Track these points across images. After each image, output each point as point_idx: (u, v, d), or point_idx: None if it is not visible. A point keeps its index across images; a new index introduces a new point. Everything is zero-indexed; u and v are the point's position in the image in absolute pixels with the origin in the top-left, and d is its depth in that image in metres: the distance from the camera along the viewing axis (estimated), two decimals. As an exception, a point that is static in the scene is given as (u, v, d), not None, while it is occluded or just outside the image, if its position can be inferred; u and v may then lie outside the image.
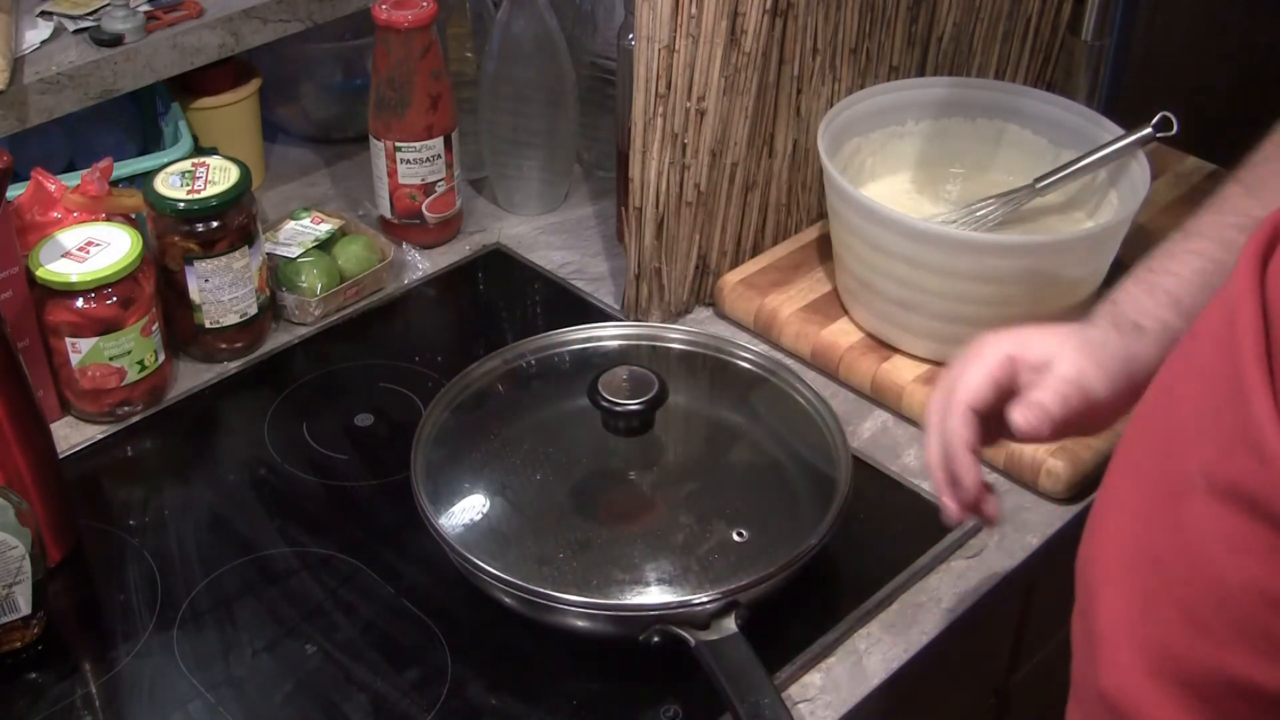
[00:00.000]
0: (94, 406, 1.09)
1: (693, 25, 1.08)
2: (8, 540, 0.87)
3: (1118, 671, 0.55)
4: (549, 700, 0.89)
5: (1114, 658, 0.55)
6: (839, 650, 0.93)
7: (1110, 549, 0.57)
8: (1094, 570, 0.57)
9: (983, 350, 0.78)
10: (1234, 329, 0.52)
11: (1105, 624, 0.56)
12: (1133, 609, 0.54)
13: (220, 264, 1.11)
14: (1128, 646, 0.55)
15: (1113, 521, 0.58)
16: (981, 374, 0.77)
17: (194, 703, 0.89)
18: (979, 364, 0.78)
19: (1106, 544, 0.57)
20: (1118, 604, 0.55)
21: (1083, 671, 0.58)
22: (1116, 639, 0.55)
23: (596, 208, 1.36)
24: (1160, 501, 0.54)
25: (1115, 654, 0.55)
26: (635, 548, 0.91)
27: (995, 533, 1.02)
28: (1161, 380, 0.60)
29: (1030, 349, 0.77)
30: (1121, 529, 0.56)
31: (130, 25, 1.17)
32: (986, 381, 0.77)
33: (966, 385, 0.78)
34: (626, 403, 0.96)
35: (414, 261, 1.29)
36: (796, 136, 1.21)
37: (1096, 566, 0.57)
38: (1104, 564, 0.57)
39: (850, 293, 1.16)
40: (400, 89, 1.22)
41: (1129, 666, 0.54)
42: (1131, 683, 0.54)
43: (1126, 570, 0.55)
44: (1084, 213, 1.18)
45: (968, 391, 0.77)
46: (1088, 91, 1.31)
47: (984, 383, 0.77)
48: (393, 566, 0.98)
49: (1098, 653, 0.56)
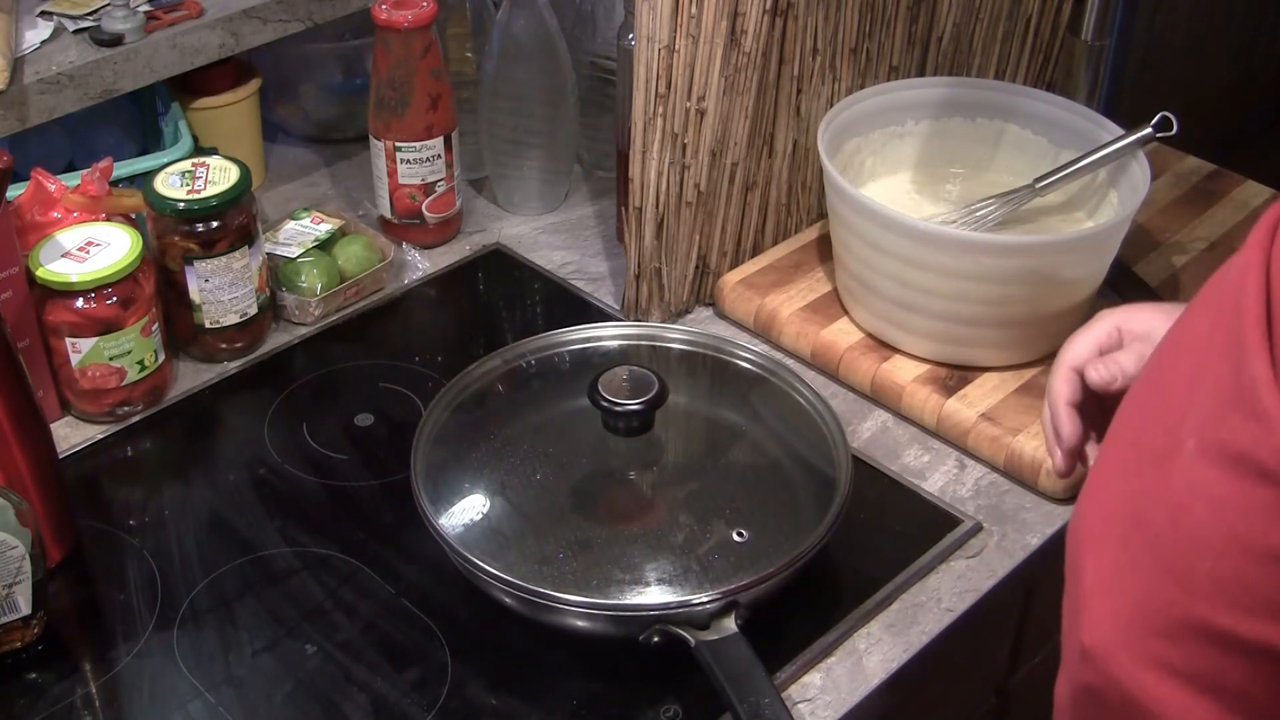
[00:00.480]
0: (94, 406, 1.09)
1: (693, 25, 1.08)
2: (8, 540, 0.87)
3: (1097, 625, 0.57)
4: (549, 700, 0.89)
5: (1095, 613, 0.57)
6: (839, 650, 0.93)
7: (1097, 512, 0.59)
8: (1081, 533, 0.59)
9: (1094, 322, 0.88)
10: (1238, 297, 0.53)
11: (1089, 582, 0.58)
12: (1115, 565, 0.56)
13: (220, 264, 1.11)
14: (1108, 601, 0.56)
15: (1101, 487, 0.60)
16: (1088, 339, 0.87)
17: (194, 703, 0.89)
18: (1088, 332, 0.87)
19: (1094, 508, 0.59)
20: (1102, 562, 0.57)
21: (1069, 635, 0.60)
22: (1098, 595, 0.57)
23: (596, 208, 1.37)
24: (1148, 465, 0.56)
25: (1097, 609, 0.57)
26: (635, 548, 0.91)
27: (995, 533, 1.02)
28: (1157, 353, 0.62)
29: (1135, 321, 0.86)
30: (1109, 493, 0.58)
31: (130, 25, 1.17)
32: (1091, 346, 0.86)
33: (1072, 349, 0.87)
34: (626, 403, 0.96)
35: (414, 261, 1.29)
36: (796, 136, 1.21)
37: (1083, 529, 0.59)
38: (1090, 526, 0.59)
39: (850, 293, 1.16)
40: (400, 89, 1.22)
41: (1109, 620, 0.56)
42: (1111, 635, 0.56)
43: (1112, 530, 0.57)
44: (1084, 213, 1.18)
45: (1072, 354, 0.87)
46: (1088, 91, 1.31)
47: (1088, 347, 0.86)
48: (393, 566, 0.98)
49: (1080, 611, 0.58)
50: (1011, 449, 1.05)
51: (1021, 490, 1.05)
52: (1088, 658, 0.57)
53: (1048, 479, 1.03)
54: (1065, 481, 1.03)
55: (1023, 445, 1.04)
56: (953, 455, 1.08)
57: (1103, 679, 0.56)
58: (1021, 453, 1.04)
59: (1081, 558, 0.58)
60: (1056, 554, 1.03)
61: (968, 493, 1.05)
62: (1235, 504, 0.52)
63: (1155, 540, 0.55)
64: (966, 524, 1.02)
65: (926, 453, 1.08)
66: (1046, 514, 1.04)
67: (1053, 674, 0.65)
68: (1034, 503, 1.04)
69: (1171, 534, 0.54)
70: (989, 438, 1.06)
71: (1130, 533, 0.56)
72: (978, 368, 1.11)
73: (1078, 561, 0.59)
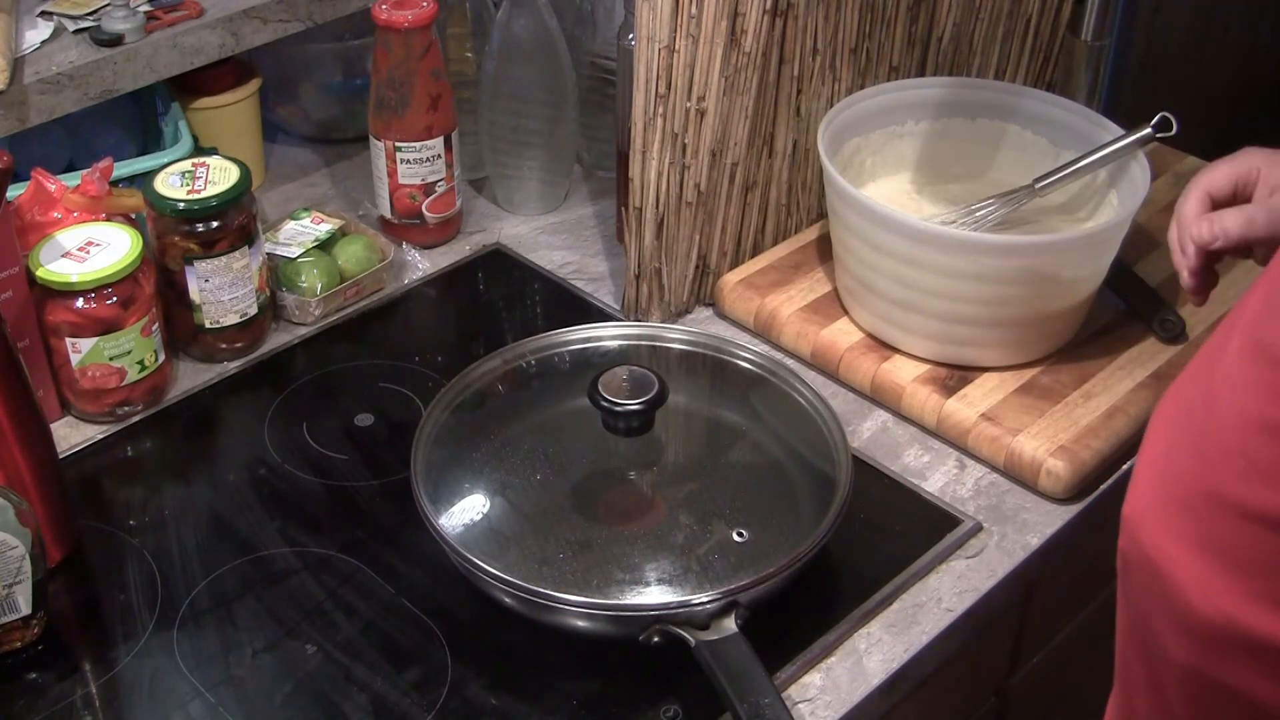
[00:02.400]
0: (94, 406, 1.09)
1: (693, 25, 1.08)
2: (8, 540, 0.87)
3: (1137, 496, 0.61)
4: (549, 700, 0.89)
5: (1138, 486, 0.62)
6: (839, 650, 0.93)
7: (1163, 410, 0.63)
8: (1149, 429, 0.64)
9: (1239, 155, 0.89)
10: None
11: (1141, 464, 0.63)
12: (1161, 447, 0.61)
13: (220, 264, 1.11)
14: (1149, 477, 0.61)
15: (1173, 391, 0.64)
16: (1227, 169, 0.89)
17: (194, 703, 0.89)
18: (1230, 162, 0.89)
19: (1163, 406, 0.64)
20: (1153, 446, 0.62)
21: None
22: (1143, 472, 0.62)
23: (596, 208, 1.37)
24: (1205, 368, 0.61)
25: (1139, 482, 0.62)
26: (635, 548, 0.91)
27: (995, 533, 1.02)
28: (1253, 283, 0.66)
29: (1275, 168, 0.87)
30: (1175, 394, 0.63)
31: (130, 25, 1.17)
32: (1228, 177, 0.88)
33: (1211, 173, 0.89)
34: (626, 403, 0.96)
35: (414, 261, 1.29)
36: (796, 136, 1.21)
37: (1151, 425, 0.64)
38: (1156, 421, 0.64)
39: (850, 293, 1.16)
40: (400, 89, 1.22)
41: (1146, 492, 0.61)
42: (1145, 504, 0.61)
43: (1166, 420, 0.62)
44: (1084, 213, 1.18)
45: (1209, 178, 0.89)
46: (1088, 91, 1.31)
47: (1225, 176, 0.88)
48: (393, 566, 0.98)
49: (1131, 487, 0.63)
50: (1011, 449, 1.05)
51: (1021, 490, 1.05)
52: (1125, 525, 0.62)
53: (1048, 479, 1.03)
54: (1065, 482, 1.03)
55: (1023, 445, 1.04)
56: (953, 455, 1.08)
57: (1130, 544, 0.61)
58: (1021, 453, 1.04)
59: (1145, 444, 0.63)
60: (1056, 554, 1.04)
61: (968, 493, 1.05)
62: (1246, 382, 0.57)
63: (1191, 423, 0.60)
64: (966, 524, 1.02)
65: (926, 453, 1.08)
66: (1046, 514, 1.04)
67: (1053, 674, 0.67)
68: (1034, 503, 1.04)
69: (1205, 418, 0.59)
70: (989, 438, 1.06)
71: (1179, 421, 0.61)
72: (978, 368, 1.11)
73: (1142, 448, 0.64)
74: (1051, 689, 1.25)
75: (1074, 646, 1.24)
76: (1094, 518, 1.05)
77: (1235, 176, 0.88)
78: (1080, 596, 1.21)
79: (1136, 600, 0.62)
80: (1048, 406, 1.08)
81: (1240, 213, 0.86)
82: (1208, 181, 0.89)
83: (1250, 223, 0.85)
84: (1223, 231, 0.86)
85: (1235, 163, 0.89)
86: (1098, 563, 0.84)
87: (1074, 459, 1.03)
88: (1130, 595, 0.62)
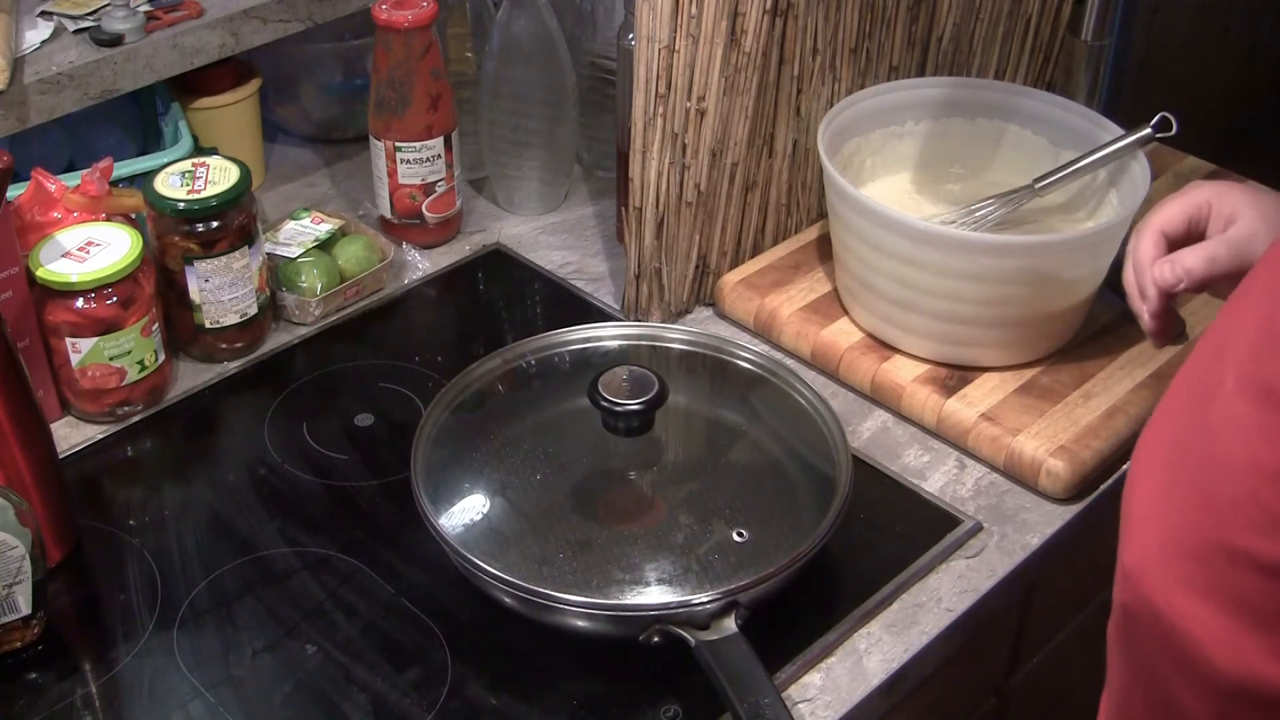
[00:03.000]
0: (94, 406, 1.09)
1: (693, 25, 1.08)
2: (8, 540, 0.87)
3: (1138, 545, 0.60)
4: (549, 700, 0.89)
5: (1137, 534, 0.60)
6: (839, 650, 0.93)
7: (1151, 446, 0.62)
8: (1138, 461, 0.63)
9: (1188, 190, 0.88)
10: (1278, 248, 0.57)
11: (1136, 508, 0.61)
12: (1159, 492, 0.60)
13: (220, 264, 1.11)
14: (1150, 525, 0.59)
15: (1158, 424, 0.63)
16: (1179, 206, 0.88)
17: (194, 703, 0.89)
18: (1181, 199, 0.88)
19: (1149, 442, 0.62)
20: (1148, 489, 0.61)
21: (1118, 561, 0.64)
22: (1142, 519, 0.60)
23: (596, 208, 1.37)
24: (1197, 402, 0.59)
25: (1139, 531, 0.60)
26: (635, 548, 0.91)
27: (995, 533, 1.02)
28: (1223, 309, 0.65)
29: (1226, 200, 0.86)
30: (1163, 429, 0.62)
31: (130, 25, 1.17)
32: (1182, 214, 0.87)
33: (1164, 213, 0.88)
34: (626, 403, 0.96)
35: (414, 261, 1.29)
36: (796, 136, 1.21)
37: (1140, 457, 0.62)
38: (1143, 458, 0.62)
39: (850, 293, 1.16)
40: (400, 89, 1.22)
41: (1149, 541, 0.59)
42: (1147, 555, 0.59)
43: (1159, 461, 0.61)
44: (1084, 213, 1.18)
45: (1162, 217, 0.88)
46: (1088, 91, 1.31)
47: (1179, 214, 0.88)
48: (393, 566, 0.98)
49: (1126, 534, 0.61)
50: (1011, 449, 1.05)
51: (1021, 490, 1.05)
52: (1126, 577, 0.60)
53: (1048, 479, 1.03)
54: (1065, 482, 1.03)
55: (1023, 445, 1.04)
56: (953, 455, 1.08)
57: (1136, 598, 0.59)
58: (1021, 453, 1.04)
59: (1134, 484, 0.62)
60: (1056, 554, 1.04)
61: (968, 493, 1.05)
62: (1259, 431, 0.55)
63: (1193, 469, 0.58)
64: (966, 524, 1.02)
65: (926, 453, 1.08)
66: (1046, 514, 1.04)
67: (1053, 674, 0.66)
68: (1034, 503, 1.04)
69: (1206, 462, 0.57)
70: (989, 438, 1.06)
71: (1175, 462, 0.59)
72: (978, 368, 1.11)
73: (1131, 488, 0.62)
74: (1051, 689, 1.25)
75: (1074, 646, 1.24)
76: (1094, 518, 1.05)
77: (1187, 213, 0.87)
78: (1080, 596, 1.21)
79: (1145, 655, 0.60)
80: (1048, 406, 1.08)
81: (1201, 251, 0.85)
82: (1161, 221, 0.88)
83: (1213, 261, 0.84)
84: (1186, 273, 0.85)
85: (1185, 199, 0.88)
86: (1098, 563, 0.84)
87: (1074, 459, 1.03)
88: (1136, 649, 0.61)
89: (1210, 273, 0.85)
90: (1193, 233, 0.88)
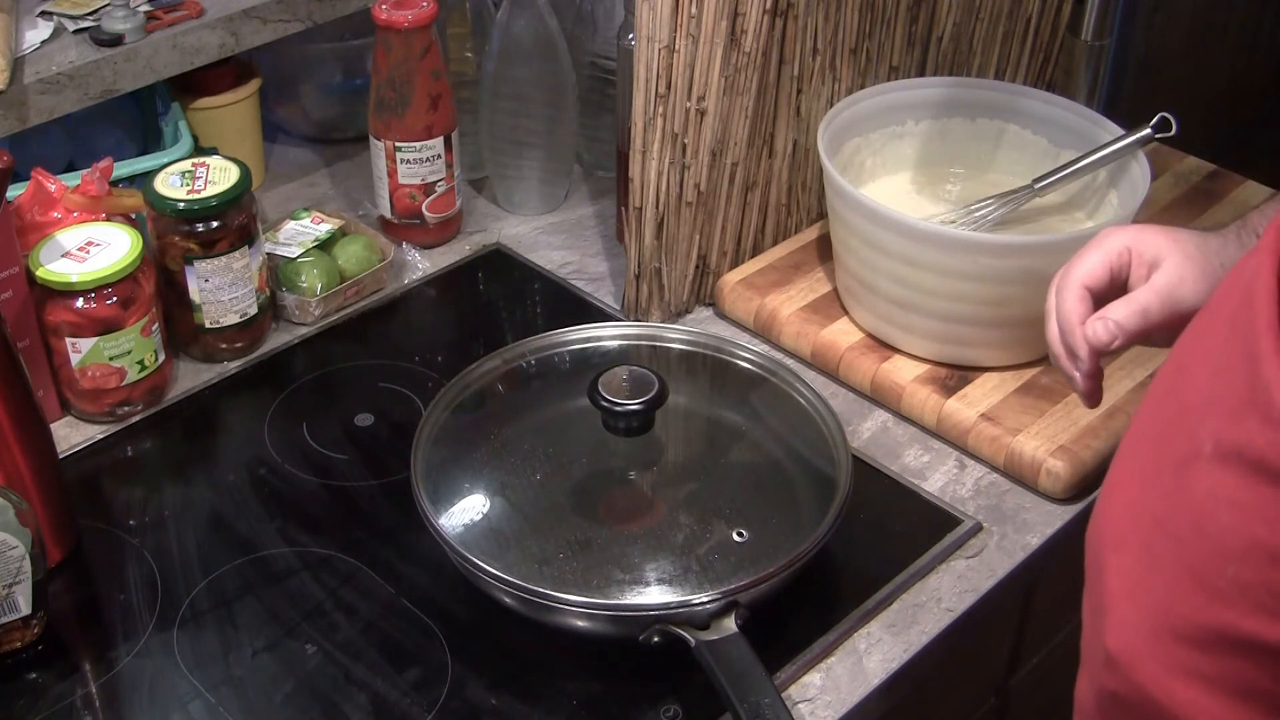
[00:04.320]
0: (94, 406, 1.09)
1: (693, 25, 1.08)
2: (8, 540, 0.87)
3: (1123, 630, 0.57)
4: (549, 700, 0.89)
5: (1119, 618, 0.57)
6: (839, 650, 0.93)
7: (1119, 517, 0.59)
8: (1103, 538, 0.59)
9: (1104, 239, 0.84)
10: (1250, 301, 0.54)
11: (1112, 587, 0.58)
12: (1138, 571, 0.56)
13: (220, 264, 1.11)
14: (1133, 606, 0.56)
15: (1122, 491, 0.60)
16: (1099, 257, 0.83)
17: (194, 703, 0.89)
18: (1098, 249, 0.84)
19: (1115, 512, 0.59)
20: (1124, 567, 0.57)
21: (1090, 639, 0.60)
22: (1122, 600, 0.57)
23: (596, 208, 1.37)
24: (1168, 469, 0.56)
25: (1121, 614, 0.57)
26: (635, 548, 0.91)
27: (995, 533, 1.02)
28: (1174, 356, 0.62)
29: (1145, 245, 0.82)
30: (1130, 497, 0.58)
31: (130, 25, 1.17)
32: (1103, 265, 0.83)
33: (1084, 266, 0.84)
34: (626, 403, 0.96)
35: (414, 261, 1.29)
36: (796, 136, 1.21)
37: (1105, 534, 0.59)
38: (1112, 531, 0.59)
39: (850, 293, 1.16)
40: (400, 89, 1.22)
41: (1133, 625, 0.56)
42: (1136, 640, 0.56)
43: (1134, 535, 0.57)
44: (1084, 213, 1.18)
45: (1084, 271, 0.84)
46: (1088, 91, 1.31)
47: (1100, 265, 0.83)
48: (393, 566, 0.98)
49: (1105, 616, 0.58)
50: (1011, 449, 1.05)
51: (1021, 490, 1.05)
52: (1113, 664, 0.57)
53: (1048, 479, 1.03)
54: (1065, 482, 1.03)
55: (1023, 445, 1.04)
56: (953, 455, 1.08)
57: (1129, 686, 0.57)
58: (1021, 453, 1.04)
59: (1104, 560, 0.59)
60: (1056, 554, 1.03)
61: (968, 493, 1.05)
62: (1256, 509, 0.52)
63: (1178, 545, 0.55)
64: (966, 524, 1.02)
65: (926, 453, 1.08)
66: (1046, 514, 1.04)
67: (1053, 674, 0.65)
68: (1034, 503, 1.04)
69: (1194, 539, 0.54)
70: (989, 438, 1.06)
71: (1153, 537, 0.56)
72: (978, 368, 1.11)
73: (1100, 563, 0.59)
74: (1051, 689, 1.25)
75: (1074, 646, 1.23)
76: (1094, 518, 1.05)
77: (1108, 263, 0.83)
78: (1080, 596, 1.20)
79: None
80: (1048, 406, 1.08)
81: (1133, 304, 0.80)
82: (1082, 274, 0.83)
83: (1145, 313, 0.80)
84: (1119, 330, 0.80)
85: (1102, 249, 0.83)
86: (1098, 563, 0.84)
87: (1074, 459, 1.03)
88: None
89: (1144, 325, 0.80)
90: (1115, 282, 0.84)
